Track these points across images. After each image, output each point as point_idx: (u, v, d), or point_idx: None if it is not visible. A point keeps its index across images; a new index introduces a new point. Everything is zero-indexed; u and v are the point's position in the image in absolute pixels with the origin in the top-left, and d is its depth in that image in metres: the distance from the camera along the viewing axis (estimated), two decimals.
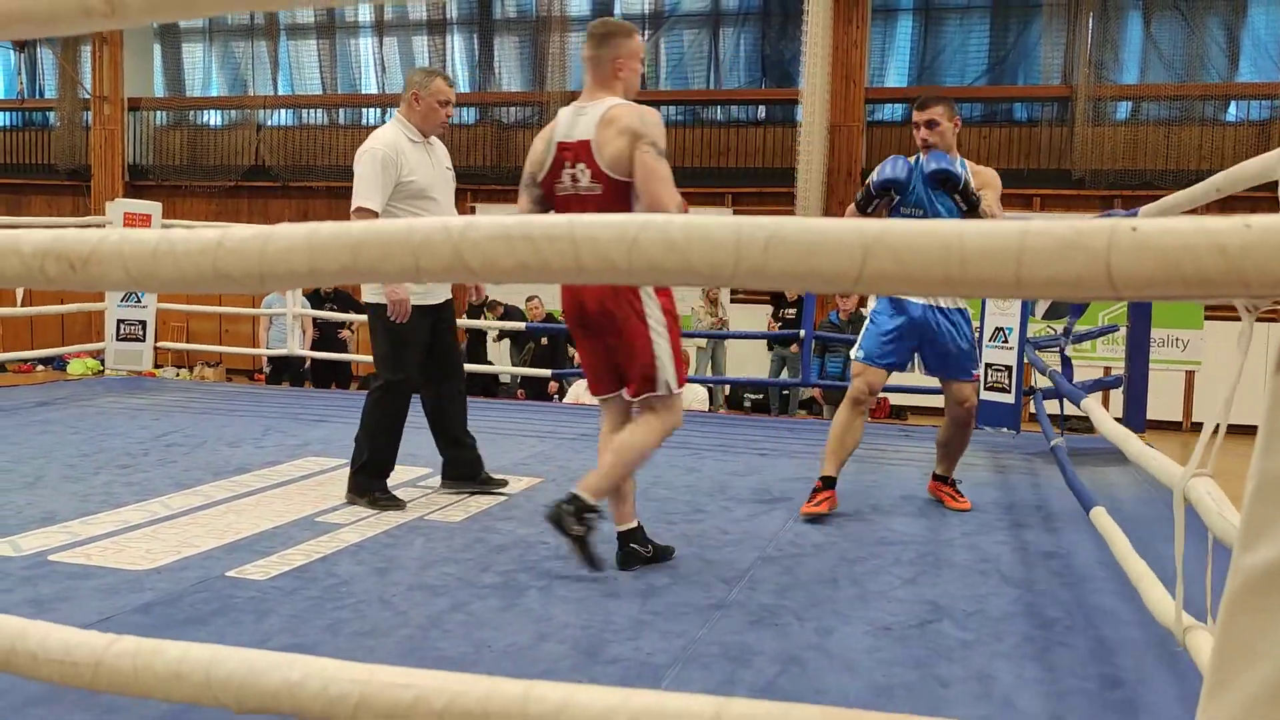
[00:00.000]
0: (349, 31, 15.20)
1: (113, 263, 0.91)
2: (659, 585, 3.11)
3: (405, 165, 3.96)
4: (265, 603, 2.86)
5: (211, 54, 15.79)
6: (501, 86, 14.50)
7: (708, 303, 11.43)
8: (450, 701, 1.13)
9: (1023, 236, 0.73)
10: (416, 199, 4.01)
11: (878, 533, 3.83)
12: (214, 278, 0.89)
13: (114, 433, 5.54)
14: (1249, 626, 0.77)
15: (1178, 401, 11.61)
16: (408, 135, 4.03)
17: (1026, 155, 12.62)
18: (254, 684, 1.19)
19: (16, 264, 0.95)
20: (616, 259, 0.80)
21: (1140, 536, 2.90)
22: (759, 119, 13.66)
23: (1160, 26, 12.34)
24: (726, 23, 13.81)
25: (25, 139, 16.27)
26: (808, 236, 0.76)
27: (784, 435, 6.30)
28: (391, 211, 3.99)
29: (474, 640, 2.62)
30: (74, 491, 4.13)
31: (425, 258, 0.83)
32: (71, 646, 1.23)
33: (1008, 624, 2.85)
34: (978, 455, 5.63)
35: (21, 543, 3.37)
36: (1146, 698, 2.40)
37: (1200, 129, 11.95)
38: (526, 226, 0.83)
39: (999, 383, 6.27)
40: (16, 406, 6.40)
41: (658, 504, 4.19)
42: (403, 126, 4.05)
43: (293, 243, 0.86)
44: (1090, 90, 12.19)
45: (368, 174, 3.92)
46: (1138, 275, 0.73)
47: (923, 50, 13.33)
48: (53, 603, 2.81)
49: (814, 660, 2.55)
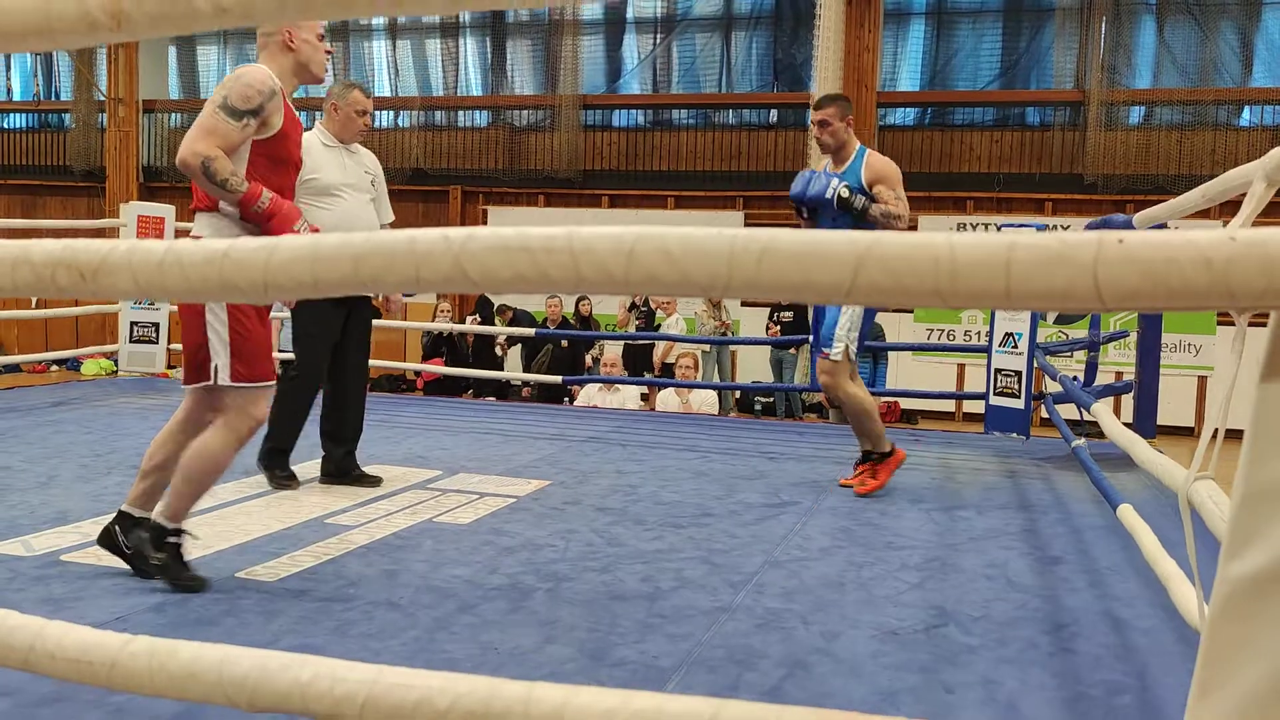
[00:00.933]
0: (362, 34, 15.27)
1: (122, 273, 0.93)
2: (665, 589, 3.12)
3: (310, 164, 4.28)
4: (274, 604, 2.88)
5: (226, 57, 15.88)
6: (514, 90, 14.55)
7: (710, 306, 11.44)
8: (454, 702, 1.16)
9: (1011, 249, 0.74)
10: (321, 196, 4.38)
11: (885, 537, 3.84)
12: (220, 288, 0.91)
13: (127, 433, 5.58)
14: (1235, 633, 0.78)
15: (1189, 407, 11.57)
16: (322, 140, 4.44)
17: (1038, 159, 12.60)
18: (266, 684, 1.21)
19: (28, 274, 0.97)
20: (614, 270, 0.81)
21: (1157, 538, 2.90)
22: (771, 123, 13.67)
23: (1174, 31, 12.31)
24: (738, 26, 13.83)
25: (41, 140, 16.39)
26: (801, 249, 0.77)
27: (792, 439, 6.31)
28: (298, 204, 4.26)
29: (481, 642, 2.64)
30: (86, 491, 4.16)
31: (426, 269, 0.85)
32: (88, 646, 1.26)
33: (1014, 629, 2.86)
34: (987, 460, 5.63)
35: (34, 542, 3.41)
36: (1153, 704, 2.40)
37: (1214, 134, 11.91)
38: (525, 238, 0.84)
39: (1009, 388, 6.27)
40: (31, 406, 6.45)
41: (665, 507, 4.21)
42: (319, 132, 4.46)
43: (297, 254, 0.88)
44: (1103, 94, 12.17)
45: None
46: (1124, 287, 0.74)
47: (935, 54, 13.32)
48: (65, 602, 2.84)
49: (819, 664, 2.56)
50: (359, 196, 4.50)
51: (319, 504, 4.10)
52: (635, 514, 4.09)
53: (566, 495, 4.39)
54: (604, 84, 14.15)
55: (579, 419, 6.97)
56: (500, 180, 14.21)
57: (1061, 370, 6.27)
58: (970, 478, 5.11)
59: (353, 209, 4.43)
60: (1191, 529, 1.86)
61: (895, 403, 11.90)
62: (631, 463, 5.19)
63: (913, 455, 5.76)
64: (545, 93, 14.12)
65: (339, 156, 4.46)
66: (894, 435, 6.95)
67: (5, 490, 4.15)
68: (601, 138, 13.82)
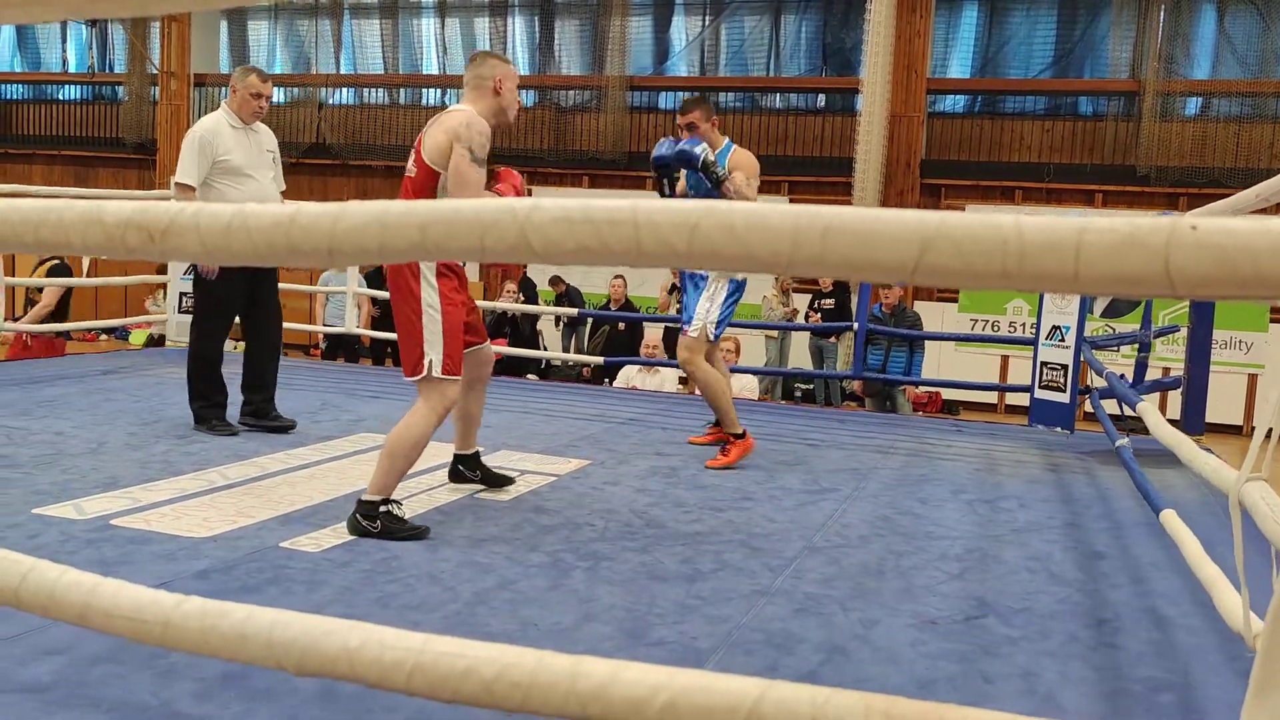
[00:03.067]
0: (412, 12, 15.32)
1: (189, 234, 0.94)
2: (705, 571, 3.12)
3: (222, 146, 4.70)
4: (317, 574, 2.92)
5: (276, 32, 16.01)
6: (561, 70, 14.54)
7: (780, 293, 11.33)
8: (500, 672, 1.16)
9: (1081, 232, 0.73)
10: (233, 175, 4.74)
11: (925, 527, 3.81)
12: (286, 252, 0.91)
13: (173, 402, 5.66)
14: None
15: (1239, 405, 11.40)
16: (229, 122, 4.78)
17: (1090, 150, 12.42)
18: (314, 648, 1.23)
19: (100, 234, 0.98)
20: (676, 243, 0.81)
21: (1201, 540, 2.86)
22: (818, 108, 13.58)
23: (1234, 21, 12.07)
24: (788, 10, 13.72)
25: (95, 112, 16.62)
26: (865, 227, 0.77)
27: (833, 426, 6.28)
28: (211, 185, 4.74)
29: (520, 618, 2.66)
30: (135, 459, 4.23)
31: (490, 238, 0.85)
32: (143, 605, 1.28)
33: (1055, 622, 2.83)
34: (1030, 453, 5.57)
35: (86, 506, 3.47)
36: (1197, 703, 2.37)
37: (1273, 127, 11.68)
38: (589, 210, 0.84)
39: (1054, 381, 6.20)
40: (83, 374, 6.56)
41: (705, 490, 4.21)
42: (225, 114, 4.81)
43: (364, 220, 0.89)
44: (1159, 85, 11.96)
45: (186, 154, 4.71)
46: (1196, 273, 0.73)
47: (987, 41, 13.15)
48: (115, 565, 2.89)
49: (857, 650, 2.55)
50: (265, 175, 4.90)
51: (363, 476, 4.14)
52: (675, 496, 4.09)
53: (606, 475, 4.41)
54: (651, 65, 14.11)
55: (619, 400, 6.98)
56: (545, 160, 14.23)
57: (1108, 365, 6.18)
58: (1013, 470, 5.06)
59: (261, 187, 4.83)
60: (1241, 531, 1.84)
61: (937, 393, 11.80)
62: (671, 445, 5.19)
63: (954, 446, 5.72)
64: (592, 73, 14.11)
65: (245, 137, 4.82)
66: (935, 426, 6.90)
67: (58, 455, 4.22)
68: (647, 120, 13.78)
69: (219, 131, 4.73)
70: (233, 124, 4.79)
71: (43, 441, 4.46)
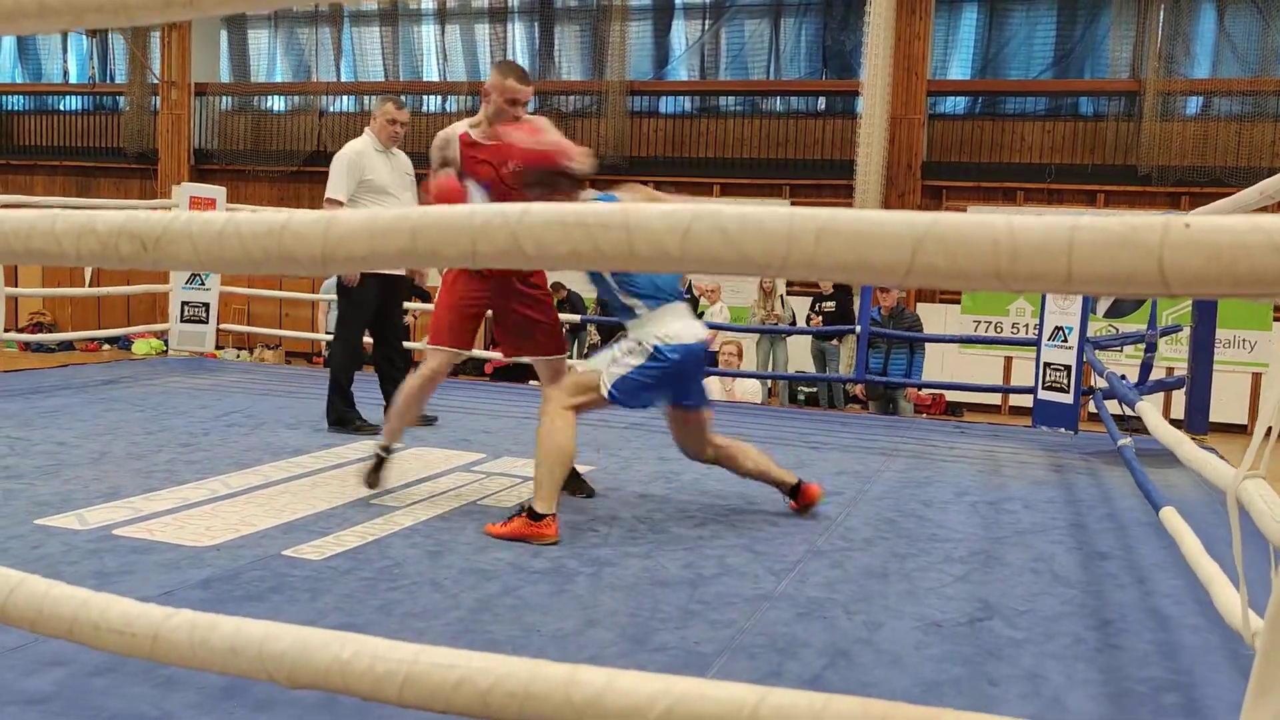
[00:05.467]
0: (412, 19, 15.34)
1: (182, 243, 0.94)
2: (708, 575, 3.12)
3: (368, 167, 5.15)
4: (320, 582, 2.92)
5: (276, 41, 16.02)
6: (561, 75, 14.54)
7: (762, 295, 11.38)
8: (495, 683, 1.15)
9: (1074, 231, 0.73)
10: (377, 193, 5.16)
11: (929, 529, 3.81)
12: (279, 259, 0.91)
13: (176, 412, 5.67)
14: None
15: (1243, 404, 11.36)
16: (373, 145, 5.23)
17: (1091, 150, 12.40)
18: (306, 661, 1.22)
19: (94, 243, 0.98)
20: (669, 247, 0.81)
21: (1202, 538, 2.85)
22: (819, 110, 13.56)
23: (1234, 19, 12.05)
24: (788, 13, 13.72)
25: (95, 122, 16.64)
26: (859, 228, 0.76)
27: (836, 429, 6.27)
28: (357, 201, 5.12)
29: (523, 624, 2.65)
30: (137, 468, 4.23)
31: (483, 242, 0.85)
32: (131, 618, 1.27)
33: (1060, 624, 2.83)
34: (1034, 454, 5.56)
35: (88, 516, 3.47)
36: (1202, 702, 2.36)
37: (1274, 125, 11.65)
38: (581, 214, 0.84)
39: (1057, 382, 6.18)
40: (84, 384, 6.56)
41: (708, 495, 4.20)
42: (369, 138, 5.26)
43: (355, 227, 0.88)
44: (1159, 84, 11.93)
45: (336, 173, 5.14)
46: (1191, 272, 0.73)
47: (987, 42, 13.14)
48: (117, 576, 2.89)
49: (862, 654, 2.54)
50: (404, 195, 5.31)
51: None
52: (678, 501, 4.09)
53: (609, 480, 4.40)
54: (651, 70, 14.11)
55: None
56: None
57: (1111, 366, 6.17)
58: (1016, 471, 5.06)
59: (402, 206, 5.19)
60: (1239, 528, 1.83)
61: (941, 395, 11.77)
62: (674, 449, 5.18)
63: (958, 447, 5.71)
64: (592, 78, 14.10)
65: (385, 160, 5.25)
66: (938, 428, 6.88)
67: (60, 465, 4.22)
68: (648, 124, 13.78)
69: (365, 153, 5.17)
70: (376, 148, 5.21)
71: (45, 452, 4.46)
